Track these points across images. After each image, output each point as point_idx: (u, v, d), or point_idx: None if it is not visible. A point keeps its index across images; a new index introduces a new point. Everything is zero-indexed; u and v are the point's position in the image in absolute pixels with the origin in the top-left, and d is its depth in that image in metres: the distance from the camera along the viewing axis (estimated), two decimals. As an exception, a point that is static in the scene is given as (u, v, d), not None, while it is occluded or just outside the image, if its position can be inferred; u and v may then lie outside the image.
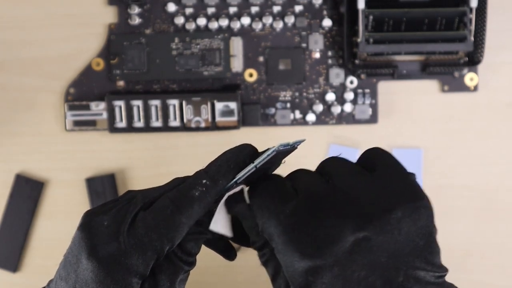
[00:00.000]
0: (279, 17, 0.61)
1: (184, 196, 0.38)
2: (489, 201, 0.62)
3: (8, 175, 0.62)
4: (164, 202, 0.39)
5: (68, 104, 0.61)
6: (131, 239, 0.37)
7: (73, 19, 0.62)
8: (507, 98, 0.62)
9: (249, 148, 0.41)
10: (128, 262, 0.37)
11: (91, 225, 0.38)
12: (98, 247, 0.37)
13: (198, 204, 0.38)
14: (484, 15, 0.58)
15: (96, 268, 0.37)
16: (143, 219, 0.38)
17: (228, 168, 0.40)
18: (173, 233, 0.38)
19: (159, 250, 0.37)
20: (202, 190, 0.38)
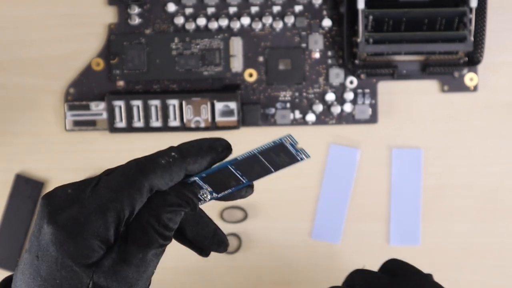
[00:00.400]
0: (279, 17, 0.61)
1: (149, 161, 0.38)
2: (489, 201, 0.62)
3: (8, 175, 0.62)
4: (128, 164, 0.38)
5: (68, 104, 0.61)
6: (91, 200, 0.37)
7: (73, 19, 0.62)
8: (507, 98, 0.62)
9: (225, 141, 0.40)
10: (88, 224, 0.36)
11: (54, 194, 0.37)
12: (59, 211, 0.36)
13: (161, 170, 0.38)
14: (484, 15, 0.58)
15: (56, 231, 0.36)
16: (105, 181, 0.37)
17: (199, 149, 0.39)
18: (134, 195, 0.37)
19: (119, 211, 0.36)
20: (168, 160, 0.38)
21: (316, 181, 0.62)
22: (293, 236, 0.63)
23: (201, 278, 0.63)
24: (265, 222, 0.63)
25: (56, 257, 0.36)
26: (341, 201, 0.62)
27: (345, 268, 0.63)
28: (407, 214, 0.62)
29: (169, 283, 0.63)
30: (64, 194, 0.37)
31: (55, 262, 0.36)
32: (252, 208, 0.62)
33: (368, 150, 0.62)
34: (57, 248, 0.36)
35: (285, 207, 0.62)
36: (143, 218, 0.38)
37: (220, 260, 0.63)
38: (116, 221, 0.37)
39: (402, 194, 0.62)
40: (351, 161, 0.62)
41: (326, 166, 0.62)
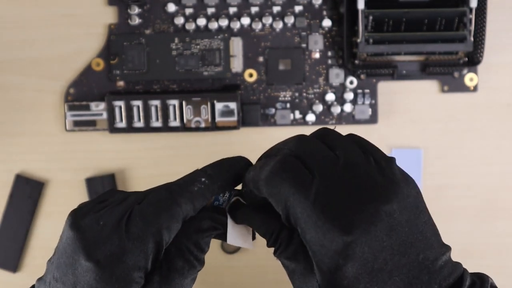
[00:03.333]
0: (279, 17, 0.61)
1: (183, 189, 0.39)
2: (489, 201, 0.62)
3: (8, 175, 0.62)
4: (160, 192, 0.39)
5: (68, 104, 0.61)
6: (130, 234, 0.37)
7: (73, 19, 0.62)
8: (507, 98, 0.62)
9: (246, 160, 0.41)
10: (130, 258, 0.37)
11: (85, 225, 0.38)
12: (97, 247, 0.37)
13: (195, 198, 0.38)
14: (484, 15, 0.58)
15: (98, 269, 0.36)
16: (140, 211, 0.37)
17: (227, 172, 0.40)
18: (171, 224, 0.37)
19: (158, 241, 0.37)
20: (200, 187, 0.39)
21: (316, 181, 0.62)
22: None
23: (201, 278, 0.63)
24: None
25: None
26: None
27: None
28: (407, 214, 0.62)
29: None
30: (97, 226, 0.37)
31: None
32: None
33: (368, 150, 0.62)
34: (100, 285, 0.36)
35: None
36: (181, 245, 0.39)
37: (220, 260, 0.63)
38: (155, 251, 0.37)
39: (402, 194, 0.62)
40: (351, 161, 0.62)
41: (326, 166, 0.62)
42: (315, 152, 0.38)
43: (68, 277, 0.37)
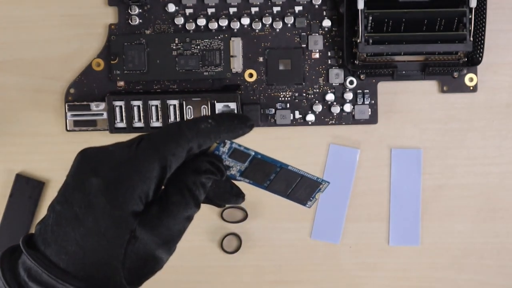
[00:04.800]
0: (278, 17, 0.61)
1: (191, 124, 0.41)
2: (489, 201, 0.62)
3: (8, 175, 0.62)
4: (171, 125, 0.41)
5: (69, 105, 0.61)
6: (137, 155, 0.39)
7: (74, 19, 0.62)
8: (506, 98, 0.62)
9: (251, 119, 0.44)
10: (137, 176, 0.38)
11: (94, 150, 0.40)
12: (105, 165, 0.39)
13: (201, 133, 0.41)
14: (483, 15, 0.58)
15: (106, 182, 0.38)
16: (149, 138, 0.40)
17: (232, 121, 0.43)
18: (177, 152, 0.40)
19: (163, 166, 0.39)
20: (206, 126, 0.41)
21: (316, 181, 0.62)
22: (293, 236, 0.63)
23: (201, 278, 0.63)
24: (265, 222, 0.63)
25: (104, 208, 0.37)
26: (341, 201, 0.62)
27: (345, 268, 0.63)
28: (407, 214, 0.62)
29: (169, 282, 0.63)
30: (107, 150, 0.39)
31: (102, 212, 0.37)
32: (252, 208, 0.62)
33: (368, 150, 0.62)
34: (106, 198, 0.37)
35: (285, 207, 0.62)
36: (181, 181, 0.41)
37: (220, 260, 0.63)
38: (159, 176, 0.39)
39: (402, 194, 0.62)
40: (351, 161, 0.62)
41: (326, 166, 0.62)
42: None
43: (75, 197, 0.38)
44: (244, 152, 0.46)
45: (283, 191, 0.49)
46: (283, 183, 0.49)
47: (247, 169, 0.47)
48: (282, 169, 0.48)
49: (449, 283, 0.62)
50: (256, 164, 0.47)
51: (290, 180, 0.49)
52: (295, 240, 0.63)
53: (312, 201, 0.48)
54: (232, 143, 0.46)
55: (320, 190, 0.47)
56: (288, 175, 0.49)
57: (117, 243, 0.38)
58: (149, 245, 0.39)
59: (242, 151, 0.46)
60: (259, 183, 0.48)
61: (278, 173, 0.48)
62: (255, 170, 0.48)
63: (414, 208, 0.62)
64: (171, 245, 0.40)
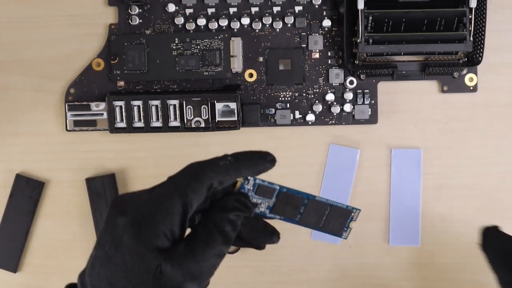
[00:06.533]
0: (278, 17, 0.61)
1: (210, 162, 0.43)
2: (489, 201, 0.62)
3: (8, 175, 0.62)
4: (191, 165, 0.43)
5: (69, 104, 0.61)
6: (160, 193, 0.41)
7: (74, 19, 0.62)
8: (506, 98, 0.62)
9: (271, 154, 0.46)
10: (158, 213, 0.40)
11: (123, 196, 0.43)
12: (131, 206, 0.41)
13: (220, 169, 0.43)
14: (483, 15, 0.58)
15: (130, 220, 0.40)
16: (171, 179, 0.42)
17: (251, 156, 0.45)
18: (197, 189, 0.41)
19: (184, 202, 0.41)
20: (225, 162, 0.43)
21: (316, 181, 0.62)
22: (293, 236, 0.63)
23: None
24: (265, 222, 0.63)
25: (130, 245, 0.39)
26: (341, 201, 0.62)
27: (345, 268, 0.63)
28: (407, 214, 0.62)
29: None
30: (134, 194, 0.42)
31: (128, 249, 0.39)
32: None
33: (368, 150, 0.62)
34: (130, 236, 0.39)
35: (285, 207, 0.62)
36: (208, 220, 0.43)
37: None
38: (182, 212, 0.41)
39: (402, 194, 0.62)
40: (351, 161, 0.62)
41: (326, 166, 0.62)
42: None
43: (106, 238, 0.40)
44: (269, 187, 0.48)
45: (315, 224, 0.50)
46: (314, 215, 0.50)
47: (276, 205, 0.48)
48: (310, 200, 0.49)
49: (449, 283, 0.62)
50: (283, 199, 0.49)
51: (321, 211, 0.50)
52: (295, 240, 0.63)
53: (347, 231, 0.48)
54: (256, 180, 0.47)
55: (353, 218, 0.48)
56: (317, 206, 0.49)
57: (145, 278, 0.39)
58: (176, 279, 0.40)
59: (267, 187, 0.47)
60: (290, 218, 0.49)
61: (307, 205, 0.50)
62: (283, 204, 0.49)
63: (414, 208, 0.62)
64: (200, 280, 0.42)
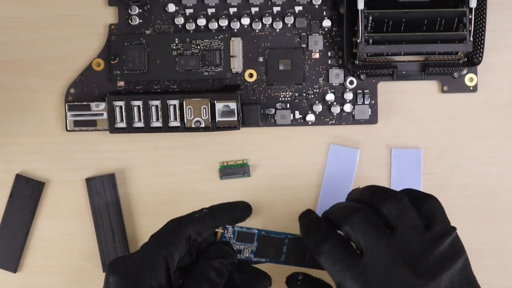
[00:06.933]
0: (278, 17, 0.61)
1: (186, 216, 0.49)
2: (489, 201, 0.62)
3: (8, 175, 0.62)
4: (169, 222, 0.49)
5: (69, 105, 0.61)
6: (144, 250, 0.47)
7: (74, 19, 0.62)
8: (506, 98, 0.62)
9: (245, 202, 0.53)
10: (143, 268, 0.45)
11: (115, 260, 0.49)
12: (120, 265, 0.47)
13: (196, 221, 0.48)
14: (484, 15, 0.58)
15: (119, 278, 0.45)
16: (154, 236, 0.48)
17: (225, 206, 0.51)
18: (176, 241, 0.47)
19: (166, 255, 0.46)
20: (200, 214, 0.49)
21: (316, 181, 0.62)
22: (293, 236, 0.63)
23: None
24: (265, 222, 0.63)
25: None
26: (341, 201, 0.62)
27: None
28: (407, 214, 0.62)
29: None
30: (124, 256, 0.48)
31: None
32: (252, 208, 0.62)
33: (368, 150, 0.62)
34: None
35: (285, 207, 0.62)
36: (194, 269, 0.48)
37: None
38: (165, 264, 0.46)
39: (402, 194, 0.62)
40: (351, 161, 0.62)
41: (326, 166, 0.62)
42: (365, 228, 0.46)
43: None
44: (248, 232, 0.51)
45: (301, 261, 0.51)
46: (298, 253, 0.51)
47: (258, 248, 0.51)
48: (289, 239, 0.51)
49: (449, 283, 0.62)
50: (264, 241, 0.51)
51: (304, 248, 0.51)
52: (295, 240, 0.63)
53: None
54: (234, 227, 0.50)
55: None
56: (298, 243, 0.51)
57: None
58: None
59: (246, 232, 0.51)
60: (275, 259, 0.52)
61: (288, 244, 0.51)
62: (265, 247, 0.52)
63: (414, 208, 0.62)
64: None
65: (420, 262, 0.45)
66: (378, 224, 0.47)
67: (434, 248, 0.45)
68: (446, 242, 0.46)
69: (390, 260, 0.45)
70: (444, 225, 0.48)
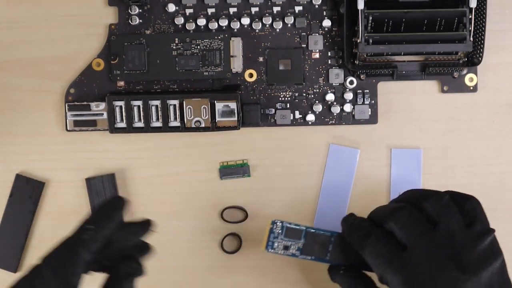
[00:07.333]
0: (278, 17, 0.61)
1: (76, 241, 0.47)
2: (489, 201, 0.62)
3: (8, 175, 0.62)
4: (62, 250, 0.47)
5: (69, 105, 0.61)
6: None
7: (74, 19, 0.62)
8: (506, 98, 0.62)
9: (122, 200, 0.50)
10: None
11: None
12: None
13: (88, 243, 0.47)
14: (484, 15, 0.58)
15: None
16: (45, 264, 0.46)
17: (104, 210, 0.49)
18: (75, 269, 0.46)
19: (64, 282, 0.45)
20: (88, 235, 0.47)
21: (316, 181, 0.62)
22: (293, 236, 0.63)
23: (201, 278, 0.63)
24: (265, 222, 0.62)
25: None
26: (341, 201, 0.62)
27: (345, 268, 0.63)
28: (407, 214, 0.62)
29: (169, 282, 0.63)
30: None
31: None
32: (252, 208, 0.62)
33: (368, 150, 0.62)
34: None
35: (285, 207, 0.62)
36: None
37: (220, 260, 0.63)
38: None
39: (402, 194, 0.62)
40: (351, 161, 0.62)
41: (326, 166, 0.62)
42: (409, 224, 0.47)
43: None
44: (296, 228, 0.52)
45: (346, 260, 0.52)
46: (344, 252, 0.52)
47: (305, 245, 0.52)
48: (335, 237, 0.51)
49: (449, 283, 0.62)
50: (311, 239, 0.51)
51: (349, 247, 0.51)
52: (295, 240, 0.63)
53: None
54: (283, 223, 0.51)
55: None
56: (344, 242, 0.51)
57: None
58: None
59: (294, 228, 0.52)
60: (321, 257, 0.52)
61: (334, 243, 0.51)
62: (312, 244, 0.52)
63: (414, 208, 0.62)
64: None
65: (463, 258, 0.45)
66: (421, 220, 0.47)
67: (475, 245, 0.46)
68: (487, 241, 0.47)
69: (433, 254, 0.45)
70: (484, 225, 0.49)
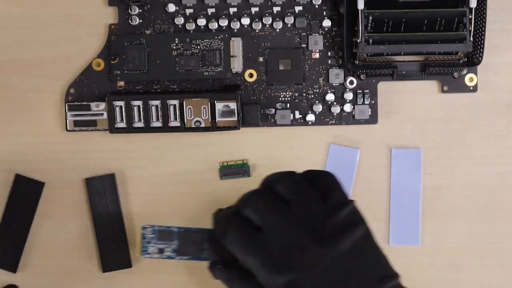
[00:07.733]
0: (279, 17, 0.61)
1: None
2: (489, 201, 0.62)
3: (8, 175, 0.62)
4: None
5: (69, 105, 0.61)
6: None
7: (74, 19, 0.62)
8: (507, 98, 0.62)
9: None
10: None
11: None
12: None
13: None
14: (484, 15, 0.58)
15: None
16: None
17: None
18: None
19: None
20: None
21: (316, 181, 0.62)
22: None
23: (201, 278, 0.63)
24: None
25: None
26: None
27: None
28: (407, 214, 0.62)
29: (169, 282, 0.63)
30: None
31: None
32: None
33: (368, 150, 0.62)
34: None
35: (285, 207, 0.62)
36: None
37: (220, 260, 0.63)
38: None
39: (402, 194, 0.62)
40: (351, 161, 0.62)
41: (326, 166, 0.62)
42: (261, 206, 0.47)
43: None
44: (167, 230, 0.51)
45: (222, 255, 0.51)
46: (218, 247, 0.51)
47: (180, 246, 0.52)
48: (207, 234, 0.51)
49: (449, 283, 0.63)
50: (184, 238, 0.51)
51: None
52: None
53: None
54: (154, 227, 0.51)
55: None
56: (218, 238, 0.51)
57: None
58: None
59: (165, 230, 0.51)
60: (197, 255, 0.52)
61: (208, 239, 0.51)
62: (186, 244, 0.52)
63: (414, 208, 0.62)
64: None
65: (318, 231, 0.45)
66: (273, 200, 0.47)
67: (331, 217, 0.46)
68: (344, 212, 0.46)
69: (288, 232, 0.45)
70: (340, 198, 0.48)
